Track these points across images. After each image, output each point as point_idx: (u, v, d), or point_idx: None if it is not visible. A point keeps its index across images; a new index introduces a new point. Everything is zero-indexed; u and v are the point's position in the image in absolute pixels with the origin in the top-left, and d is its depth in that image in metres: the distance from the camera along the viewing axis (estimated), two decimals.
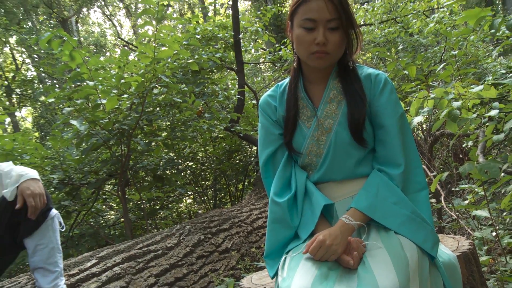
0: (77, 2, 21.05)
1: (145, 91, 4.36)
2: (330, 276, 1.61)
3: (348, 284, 1.56)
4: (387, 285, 1.49)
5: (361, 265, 1.62)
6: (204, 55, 5.00)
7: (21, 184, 2.53)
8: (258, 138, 2.06)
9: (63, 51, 4.10)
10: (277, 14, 11.84)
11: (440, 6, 8.31)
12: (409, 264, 1.58)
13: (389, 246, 1.65)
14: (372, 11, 9.42)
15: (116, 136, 4.52)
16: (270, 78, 9.81)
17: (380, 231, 1.74)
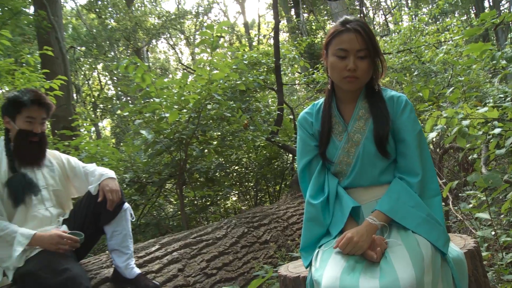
0: (148, 35, 21.47)
1: (200, 106, 4.37)
2: (357, 268, 1.58)
3: (372, 275, 1.53)
4: (405, 277, 1.47)
5: (383, 259, 1.60)
6: (250, 77, 4.98)
7: (102, 182, 2.59)
8: (297, 149, 2.04)
9: (137, 74, 4.16)
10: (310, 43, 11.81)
11: (447, 40, 8.22)
12: (424, 259, 1.55)
13: (408, 244, 1.62)
14: (390, 43, 9.39)
15: (176, 143, 4.54)
16: (304, 97, 9.76)
17: (400, 230, 1.71)
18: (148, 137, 4.28)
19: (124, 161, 5.33)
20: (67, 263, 2.22)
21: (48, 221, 2.61)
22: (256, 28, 26.61)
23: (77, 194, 2.92)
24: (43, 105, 2.63)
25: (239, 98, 5.27)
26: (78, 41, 20.95)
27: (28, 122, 2.59)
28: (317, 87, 8.25)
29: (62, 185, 2.77)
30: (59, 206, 2.73)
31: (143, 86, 4.32)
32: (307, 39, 8.83)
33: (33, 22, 10.40)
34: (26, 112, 2.58)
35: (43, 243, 2.37)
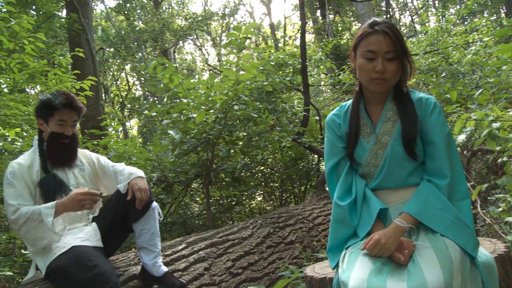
0: (175, 37, 21.67)
1: (227, 107, 4.39)
2: (384, 270, 1.57)
3: (399, 278, 1.52)
4: (434, 280, 1.45)
5: (411, 262, 1.58)
6: (276, 78, 4.98)
7: (131, 181, 2.61)
8: (324, 150, 2.03)
9: (165, 75, 4.20)
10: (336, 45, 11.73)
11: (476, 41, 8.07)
12: (453, 262, 1.52)
13: (436, 247, 1.59)
14: (417, 44, 9.28)
15: (203, 144, 4.57)
16: (330, 98, 9.71)
17: (428, 233, 1.69)
18: (175, 137, 4.32)
19: (151, 160, 5.39)
20: (96, 260, 2.26)
21: (79, 218, 2.67)
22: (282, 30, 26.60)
23: (106, 192, 2.96)
24: (74, 108, 2.67)
25: (266, 99, 5.27)
26: (107, 43, 21.28)
27: (60, 125, 2.64)
28: (343, 88, 8.21)
29: (92, 184, 2.82)
30: None
31: (171, 86, 4.36)
32: (333, 40, 8.79)
33: (65, 24, 10.63)
34: (58, 115, 2.63)
35: (67, 207, 2.45)
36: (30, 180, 2.53)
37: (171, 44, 22.74)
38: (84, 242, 2.45)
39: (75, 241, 2.43)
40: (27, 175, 2.54)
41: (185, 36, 22.61)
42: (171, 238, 4.83)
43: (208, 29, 25.70)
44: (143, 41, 21.47)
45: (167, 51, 21.92)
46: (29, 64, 4.83)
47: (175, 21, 23.01)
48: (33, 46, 4.80)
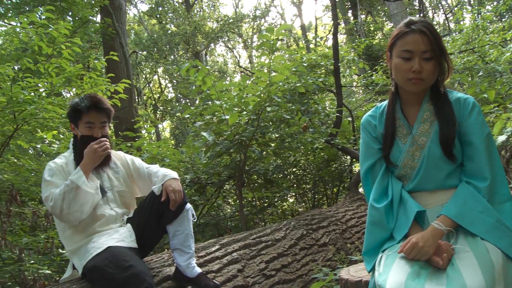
0: (207, 39, 21.86)
1: (260, 109, 4.40)
2: (422, 274, 1.54)
3: (438, 282, 1.48)
4: (474, 286, 1.41)
5: (450, 266, 1.54)
6: (309, 80, 4.96)
7: (165, 182, 2.63)
8: (360, 152, 2.01)
9: (197, 77, 4.23)
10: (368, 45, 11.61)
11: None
12: (495, 267, 1.48)
13: (476, 250, 1.55)
14: (452, 43, 9.08)
15: (235, 145, 4.58)
16: (363, 99, 9.61)
17: (467, 236, 1.64)
18: (208, 139, 4.35)
19: (184, 162, 5.44)
20: (131, 260, 2.29)
21: (114, 219, 2.71)
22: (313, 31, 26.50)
23: (141, 194, 3.00)
24: (101, 110, 2.70)
25: (298, 101, 5.26)
26: (140, 46, 21.64)
27: (88, 128, 2.67)
28: (376, 89, 8.11)
29: (126, 186, 2.85)
30: (123, 206, 2.81)
31: (203, 88, 4.39)
32: (365, 40, 8.70)
33: (99, 29, 10.87)
34: (85, 117, 2.67)
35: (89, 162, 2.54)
36: (66, 178, 2.57)
37: (203, 47, 22.96)
38: (119, 242, 2.48)
39: (110, 241, 2.46)
40: (64, 173, 2.60)
41: (217, 38, 22.77)
42: (204, 240, 4.87)
43: (239, 31, 25.82)
44: (175, 44, 21.75)
45: (199, 53, 22.13)
46: (66, 68, 4.95)
47: (206, 24, 23.24)
48: (70, 50, 4.92)
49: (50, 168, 2.58)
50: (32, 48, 4.83)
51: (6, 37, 4.98)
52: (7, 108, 4.36)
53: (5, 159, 5.61)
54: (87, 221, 2.59)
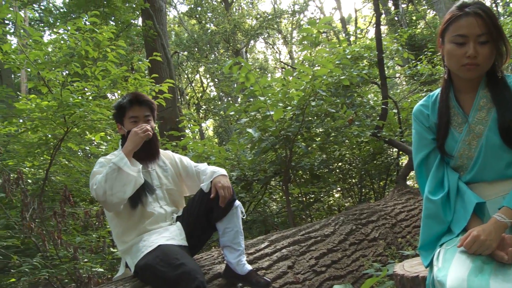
0: (247, 36, 21.92)
1: (305, 103, 4.35)
2: (485, 269, 1.45)
3: (504, 279, 1.39)
4: None
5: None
6: (353, 72, 4.87)
7: (214, 179, 2.64)
8: (412, 143, 1.94)
9: (241, 74, 4.23)
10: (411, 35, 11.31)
11: None
12: None
13: None
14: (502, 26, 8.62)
15: (281, 141, 4.56)
16: (408, 90, 9.37)
17: None
18: (254, 135, 4.34)
19: (230, 159, 5.46)
20: (182, 258, 2.30)
21: (163, 217, 2.73)
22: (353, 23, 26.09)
23: (189, 192, 3.02)
24: (142, 103, 2.75)
25: (343, 94, 5.18)
26: (181, 47, 21.92)
27: (133, 122, 2.72)
28: (421, 79, 7.87)
29: (175, 184, 2.87)
30: (172, 204, 2.84)
31: (247, 85, 4.38)
32: (408, 30, 8.46)
33: (141, 32, 11.08)
34: (129, 112, 2.73)
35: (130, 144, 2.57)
36: None
37: (243, 44, 23.03)
38: (169, 241, 2.50)
39: (161, 240, 2.48)
40: None
41: (256, 35, 22.81)
42: (251, 236, 4.87)
43: (279, 27, 25.78)
44: (215, 43, 21.92)
45: (239, 51, 22.23)
46: (111, 71, 5.07)
47: (245, 21, 23.31)
48: (115, 53, 5.04)
49: (99, 162, 2.65)
50: (79, 53, 4.98)
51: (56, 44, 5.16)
52: (58, 112, 4.51)
53: (57, 161, 5.80)
54: (137, 219, 2.63)
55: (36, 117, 4.70)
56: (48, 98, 4.75)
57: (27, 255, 3.98)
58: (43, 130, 4.91)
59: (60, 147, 5.12)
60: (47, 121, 4.70)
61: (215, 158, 5.16)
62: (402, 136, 5.90)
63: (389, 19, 17.42)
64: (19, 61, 4.58)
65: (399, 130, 6.10)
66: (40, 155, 5.52)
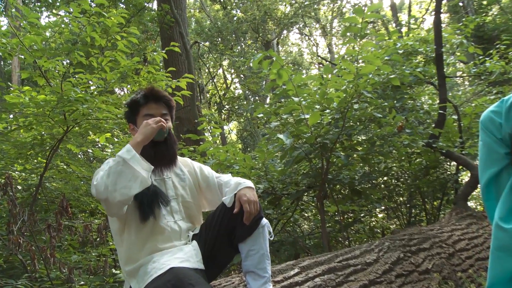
0: (279, 26, 21.93)
1: (346, 106, 4.31)
2: None
3: None
4: None
5: None
6: (406, 70, 4.79)
7: (239, 191, 2.61)
8: (479, 157, 1.86)
9: (272, 70, 4.21)
10: (479, 24, 11.08)
11: None
12: None
13: None
14: None
15: (317, 149, 4.53)
16: (472, 91, 9.19)
17: None
18: (286, 142, 4.30)
19: (256, 169, 5.44)
20: (198, 284, 2.26)
21: (177, 235, 2.71)
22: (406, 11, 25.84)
23: (209, 207, 3.00)
24: (159, 99, 2.75)
25: (391, 96, 5.11)
26: (202, 36, 22.05)
27: None
28: (490, 78, 7.65)
29: (193, 197, 2.85)
30: (188, 219, 2.80)
31: (278, 83, 4.35)
32: (475, 18, 8.26)
33: (156, 17, 11.17)
34: (144, 110, 2.72)
35: (139, 134, 2.50)
36: None
37: (274, 35, 23.07)
38: (183, 263, 2.46)
39: (173, 261, 2.45)
40: None
41: (290, 24, 22.80)
42: (279, 261, 4.84)
43: (317, 15, 25.70)
44: (242, 33, 22.03)
45: (270, 43, 22.28)
46: (121, 62, 5.08)
47: (278, 8, 23.33)
48: (126, 42, 5.05)
49: (107, 162, 2.59)
50: (84, 40, 4.99)
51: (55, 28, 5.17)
52: (57, 108, 4.51)
53: (53, 165, 5.84)
54: (147, 235, 2.60)
55: (31, 112, 4.69)
56: (46, 91, 4.77)
57: (11, 275, 3.94)
58: (39, 128, 4.93)
59: (58, 148, 5.16)
60: (43, 118, 4.70)
61: (239, 167, 5.14)
62: (463, 148, 5.79)
63: (452, 5, 17.14)
64: (11, 46, 4.54)
65: (460, 140, 5.98)
66: (33, 157, 5.56)
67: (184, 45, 10.65)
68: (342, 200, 5.58)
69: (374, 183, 5.95)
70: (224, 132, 23.44)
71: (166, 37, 10.97)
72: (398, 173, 6.40)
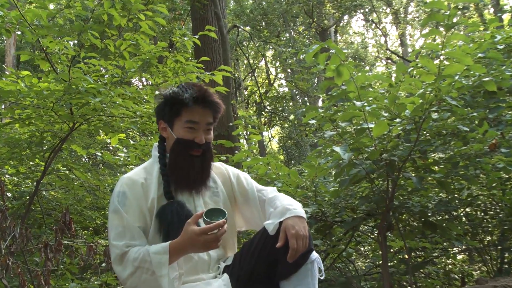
0: (339, 9, 21.82)
1: (423, 115, 4.24)
2: None
3: None
4: None
5: None
6: (506, 72, 4.69)
7: (286, 220, 2.58)
8: None
9: (329, 66, 4.18)
10: None
11: None
12: None
13: None
14: None
15: (381, 168, 4.47)
16: None
17: None
18: (343, 157, 4.26)
19: (303, 188, 5.41)
20: None
21: (205, 266, 2.72)
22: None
23: (246, 226, 3.01)
24: (209, 105, 2.74)
25: (483, 104, 5.01)
26: (242, 19, 22.14)
27: (189, 129, 2.71)
28: None
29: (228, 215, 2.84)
30: (221, 245, 2.79)
31: (337, 82, 4.32)
32: None
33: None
34: (187, 114, 2.71)
35: (184, 249, 2.47)
36: (145, 205, 2.63)
37: (332, 21, 23.04)
38: None
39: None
40: (142, 198, 2.65)
41: (354, 8, 22.69)
42: None
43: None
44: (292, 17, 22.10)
45: (326, 30, 22.27)
46: (144, 47, 5.11)
47: None
48: (151, 22, 5.07)
49: (122, 191, 2.64)
50: (99, 18, 5.02)
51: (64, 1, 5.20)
52: (62, 100, 4.52)
53: (53, 169, 5.90)
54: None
55: (29, 103, 4.73)
56: (50, 78, 4.79)
57: None
58: (38, 123, 4.92)
59: (61, 149, 5.20)
60: (45, 111, 4.73)
61: (282, 185, 5.13)
62: None
63: None
64: (9, 20, 4.54)
65: None
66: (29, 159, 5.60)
67: (220, 29, 10.71)
68: (411, 233, 5.50)
69: (453, 215, 5.85)
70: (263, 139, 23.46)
71: (198, 19, 11.04)
72: (487, 204, 6.28)
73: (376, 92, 4.72)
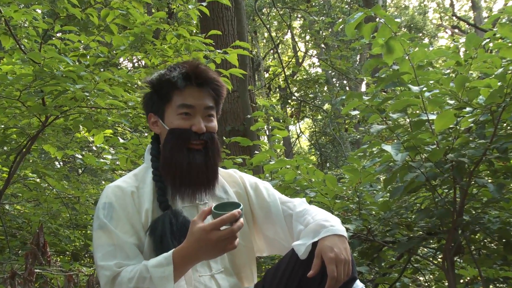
0: None
1: (502, 102, 4.23)
2: None
3: None
4: None
5: None
6: None
7: (321, 240, 2.55)
8: None
9: (376, 40, 4.17)
10: None
11: None
12: None
13: None
14: None
15: (446, 172, 4.46)
16: None
17: None
18: (395, 158, 4.25)
19: (343, 198, 5.41)
20: None
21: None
22: None
23: (268, 251, 3.01)
24: (206, 83, 2.73)
25: None
26: None
27: (183, 115, 2.69)
28: None
29: (243, 235, 2.79)
30: (234, 271, 2.81)
31: (387, 61, 4.32)
32: None
33: None
34: (179, 98, 2.70)
35: (196, 252, 2.41)
36: (137, 219, 2.63)
37: None
38: None
39: None
40: (134, 210, 2.65)
41: None
42: None
43: None
44: None
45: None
46: (137, 18, 5.10)
47: None
48: None
49: (108, 202, 2.63)
50: None
51: None
52: (32, 86, 4.51)
53: (20, 176, 5.94)
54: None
55: None
56: (15, 58, 4.81)
57: None
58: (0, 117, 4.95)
59: (30, 150, 5.22)
60: (8, 102, 4.74)
61: (316, 195, 5.13)
62: None
63: None
64: None
65: None
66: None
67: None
68: (487, 259, 5.49)
69: None
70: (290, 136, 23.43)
71: None
72: None
73: (439, 73, 4.72)
